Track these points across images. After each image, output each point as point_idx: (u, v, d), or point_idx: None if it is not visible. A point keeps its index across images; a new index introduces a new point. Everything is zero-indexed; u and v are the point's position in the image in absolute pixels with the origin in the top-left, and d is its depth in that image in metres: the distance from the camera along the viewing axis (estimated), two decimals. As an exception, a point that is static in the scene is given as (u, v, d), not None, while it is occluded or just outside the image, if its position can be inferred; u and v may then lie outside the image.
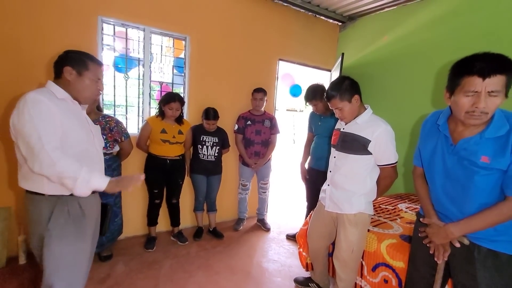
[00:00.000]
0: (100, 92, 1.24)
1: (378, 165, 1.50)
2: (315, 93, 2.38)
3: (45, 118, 1.00)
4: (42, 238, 1.07)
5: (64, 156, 0.99)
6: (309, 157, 2.58)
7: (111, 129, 2.01)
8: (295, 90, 4.39)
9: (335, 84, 1.49)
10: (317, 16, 3.37)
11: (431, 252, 1.12)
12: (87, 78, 1.15)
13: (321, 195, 1.71)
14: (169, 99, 2.24)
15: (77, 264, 1.13)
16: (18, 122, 0.99)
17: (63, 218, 1.09)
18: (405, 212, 2.14)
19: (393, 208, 2.23)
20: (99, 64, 1.21)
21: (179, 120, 2.37)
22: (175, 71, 2.75)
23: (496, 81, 0.88)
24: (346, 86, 1.45)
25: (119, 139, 2.06)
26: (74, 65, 1.12)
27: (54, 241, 1.06)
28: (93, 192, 1.20)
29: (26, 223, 1.14)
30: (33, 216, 1.09)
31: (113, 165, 2.09)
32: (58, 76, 1.14)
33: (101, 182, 1.05)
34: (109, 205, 1.35)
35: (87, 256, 1.18)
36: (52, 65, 1.16)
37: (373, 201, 1.58)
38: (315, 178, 2.42)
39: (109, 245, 2.19)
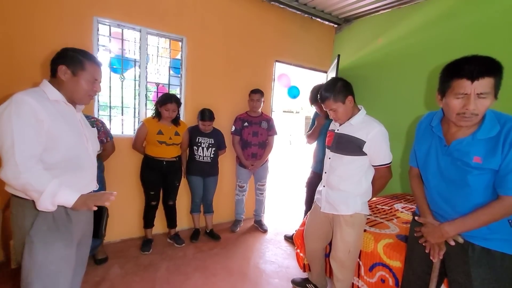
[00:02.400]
0: (96, 92, 1.15)
1: (373, 166, 1.51)
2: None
3: (27, 122, 0.93)
4: (23, 244, 1.01)
5: (34, 167, 0.92)
6: (312, 161, 2.57)
7: (98, 130, 1.97)
8: (293, 92, 4.37)
9: (328, 86, 1.49)
10: (313, 18, 3.40)
11: (426, 251, 1.14)
12: (82, 79, 1.08)
13: (317, 196, 1.72)
14: (166, 100, 2.23)
15: (61, 272, 1.05)
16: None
17: (47, 224, 1.01)
18: (401, 212, 2.16)
19: (389, 208, 2.25)
20: (98, 64, 1.13)
21: (176, 121, 2.36)
22: (171, 72, 2.75)
23: (484, 83, 0.90)
24: (340, 87, 1.46)
25: (105, 140, 2.03)
26: (69, 64, 1.05)
27: (36, 249, 0.99)
28: None
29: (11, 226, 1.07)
30: (17, 221, 1.02)
31: (101, 167, 2.09)
32: (53, 75, 1.07)
33: (70, 197, 0.97)
34: (104, 208, 1.27)
35: (72, 264, 1.09)
36: (49, 64, 1.09)
37: (368, 201, 1.59)
38: (316, 182, 2.40)
39: (96, 250, 2.12)
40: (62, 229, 1.05)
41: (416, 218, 1.21)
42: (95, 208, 1.00)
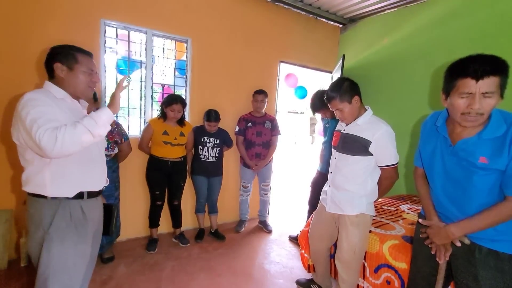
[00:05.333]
0: (96, 83, 1.18)
1: (379, 166, 1.50)
2: (322, 101, 2.35)
3: (45, 108, 0.97)
4: (41, 241, 1.04)
5: (61, 128, 0.93)
6: (319, 161, 2.56)
7: (112, 131, 2.01)
8: (301, 93, 4.31)
9: (334, 86, 1.49)
10: (318, 18, 3.39)
11: (432, 252, 1.12)
12: (79, 72, 1.10)
13: (322, 196, 1.71)
14: (171, 101, 2.26)
15: (76, 267, 1.10)
16: (20, 121, 0.96)
17: (65, 221, 1.06)
18: (407, 213, 2.14)
19: (395, 209, 2.23)
20: (89, 54, 1.15)
21: (181, 122, 2.38)
22: (177, 73, 2.77)
23: (489, 83, 0.89)
24: (346, 87, 1.46)
25: (119, 141, 2.07)
26: (63, 61, 1.08)
27: (54, 245, 1.03)
28: (96, 195, 1.19)
29: (26, 225, 1.11)
30: (34, 219, 1.06)
31: (113, 167, 2.11)
32: (51, 76, 1.11)
33: (106, 113, 1.03)
34: (113, 205, 1.33)
35: (86, 259, 1.14)
36: (43, 66, 1.12)
37: (374, 202, 1.58)
38: (322, 182, 2.39)
39: (108, 247, 2.18)
40: (79, 226, 1.10)
41: (420, 221, 1.20)
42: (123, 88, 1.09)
